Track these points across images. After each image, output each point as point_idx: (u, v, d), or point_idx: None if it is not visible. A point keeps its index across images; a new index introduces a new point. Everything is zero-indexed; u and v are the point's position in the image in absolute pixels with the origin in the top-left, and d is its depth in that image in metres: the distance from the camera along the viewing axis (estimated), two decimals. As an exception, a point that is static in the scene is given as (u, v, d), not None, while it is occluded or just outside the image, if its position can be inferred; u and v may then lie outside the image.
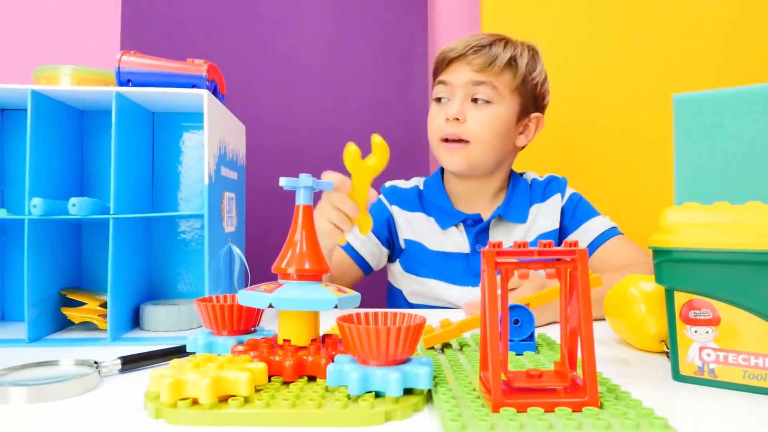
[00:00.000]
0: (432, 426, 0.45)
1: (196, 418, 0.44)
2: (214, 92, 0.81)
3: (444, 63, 1.06)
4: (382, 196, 1.17)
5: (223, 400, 0.46)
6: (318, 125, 1.56)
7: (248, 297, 0.53)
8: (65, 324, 0.80)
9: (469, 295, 1.05)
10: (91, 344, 0.72)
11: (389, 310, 0.53)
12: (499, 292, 0.48)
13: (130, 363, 0.59)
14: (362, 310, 0.54)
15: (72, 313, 0.77)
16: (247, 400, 0.46)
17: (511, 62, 1.03)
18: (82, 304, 0.78)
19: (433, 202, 1.12)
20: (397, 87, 1.56)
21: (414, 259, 1.10)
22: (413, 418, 0.47)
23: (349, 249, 1.10)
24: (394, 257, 1.16)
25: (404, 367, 0.48)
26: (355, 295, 0.55)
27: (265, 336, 0.60)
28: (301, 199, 0.57)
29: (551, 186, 1.13)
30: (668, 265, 0.56)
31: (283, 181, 0.56)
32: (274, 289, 0.53)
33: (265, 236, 1.53)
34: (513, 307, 0.66)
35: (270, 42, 1.55)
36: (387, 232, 1.14)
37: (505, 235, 1.08)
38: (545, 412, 0.43)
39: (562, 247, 0.47)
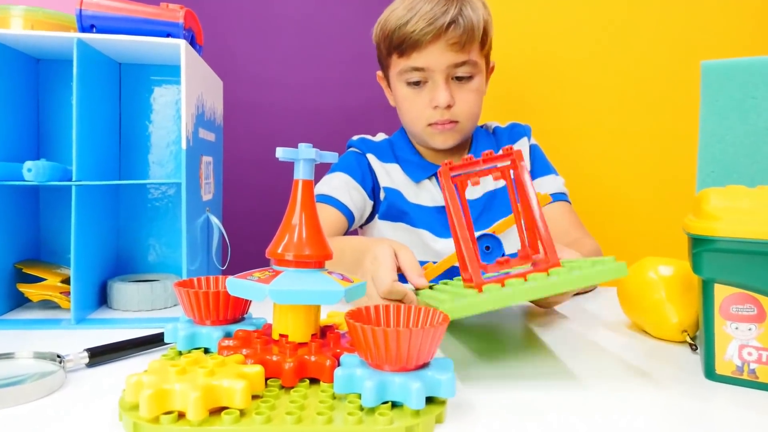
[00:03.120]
0: None
1: None
2: (191, 42, 0.71)
3: (415, 44, 0.96)
4: (353, 148, 1.11)
5: (215, 411, 0.39)
6: (297, 80, 1.46)
7: (240, 287, 0.46)
8: (21, 301, 0.71)
9: (449, 249, 1.02)
10: (53, 326, 0.63)
11: (402, 304, 0.47)
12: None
13: (98, 356, 0.51)
14: (370, 306, 0.47)
15: (30, 291, 0.68)
16: (243, 413, 0.39)
17: (484, 29, 0.98)
18: (40, 279, 0.69)
19: (403, 156, 1.09)
20: (380, 42, 1.47)
21: (395, 207, 1.06)
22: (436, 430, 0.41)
23: (334, 202, 1.02)
24: (373, 211, 1.10)
25: (424, 372, 0.42)
26: (362, 284, 0.49)
27: (255, 327, 0.52)
28: (301, 173, 0.48)
29: (516, 130, 1.12)
30: (709, 254, 0.50)
31: (280, 152, 0.47)
32: (270, 279, 0.45)
33: (244, 203, 1.44)
34: (483, 236, 0.66)
35: (245, -12, 1.43)
36: (371, 181, 1.08)
37: (477, 184, 1.04)
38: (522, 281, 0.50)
39: (500, 153, 0.56)
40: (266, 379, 0.44)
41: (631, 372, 0.54)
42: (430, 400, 0.42)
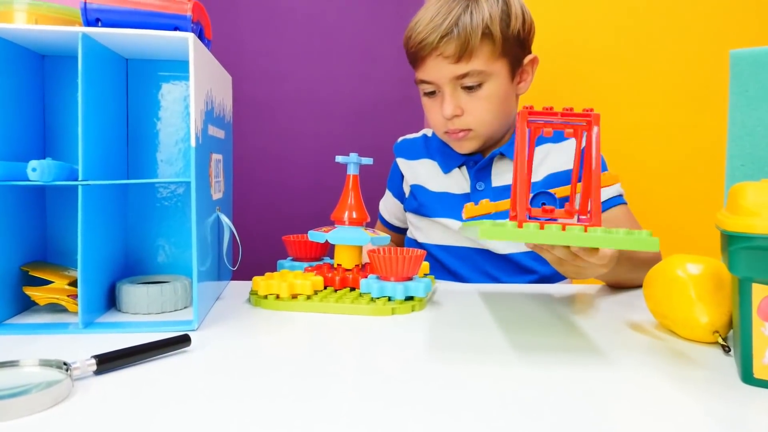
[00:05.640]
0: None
1: (278, 306, 0.73)
2: (200, 36, 0.69)
3: (417, 58, 0.98)
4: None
5: (295, 297, 0.74)
6: (306, 76, 1.44)
7: (313, 235, 0.81)
8: (28, 304, 0.70)
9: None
10: (60, 331, 0.61)
11: (403, 248, 0.78)
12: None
13: (106, 363, 0.49)
14: (386, 246, 0.79)
15: (36, 294, 0.66)
16: (309, 297, 0.73)
17: (485, 32, 0.93)
18: (47, 282, 0.67)
19: (438, 147, 1.11)
20: (390, 35, 1.44)
21: (418, 201, 1.10)
22: (411, 314, 0.72)
23: (383, 221, 1.22)
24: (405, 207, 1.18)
25: (409, 282, 0.74)
26: (386, 237, 0.81)
27: (328, 262, 0.87)
28: (351, 170, 0.83)
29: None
30: (747, 252, 0.48)
31: (339, 158, 0.82)
32: (329, 230, 0.80)
33: (254, 200, 1.42)
34: (541, 193, 0.68)
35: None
36: (400, 187, 1.17)
37: (506, 173, 1.05)
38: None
39: (580, 112, 0.59)
40: (326, 286, 0.78)
41: (661, 374, 0.52)
42: (413, 299, 0.75)
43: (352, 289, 0.78)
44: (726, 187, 0.67)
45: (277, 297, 0.73)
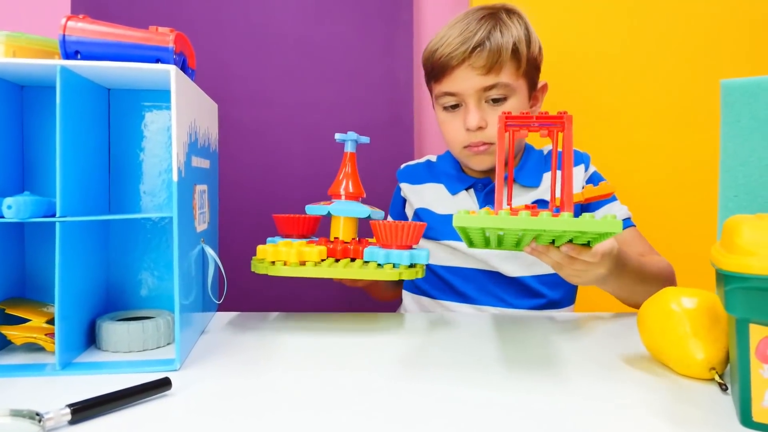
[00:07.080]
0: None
1: (287, 271, 0.75)
2: (183, 67, 0.67)
3: (444, 69, 0.99)
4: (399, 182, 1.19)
5: (302, 263, 0.76)
6: (294, 99, 1.42)
7: (314, 209, 0.84)
8: (4, 343, 0.67)
9: (482, 253, 1.03)
10: (35, 373, 0.59)
11: (402, 221, 0.79)
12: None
13: (81, 412, 0.47)
14: (383, 220, 0.81)
15: (13, 333, 0.64)
16: (316, 264, 0.76)
17: (514, 48, 0.96)
18: (25, 320, 0.65)
19: (445, 170, 1.11)
20: (379, 57, 1.44)
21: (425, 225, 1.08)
22: (416, 280, 0.95)
23: None
24: None
25: (411, 250, 0.79)
26: (381, 212, 0.86)
27: (323, 237, 0.88)
28: (348, 148, 0.87)
29: (574, 157, 1.06)
30: (744, 292, 0.46)
31: (338, 136, 0.86)
32: (330, 203, 0.84)
33: (239, 226, 1.40)
34: (537, 201, 0.77)
35: (242, 7, 1.40)
36: (404, 215, 1.18)
37: (515, 197, 1.04)
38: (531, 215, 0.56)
39: (554, 115, 0.63)
40: (328, 257, 0.80)
41: (656, 414, 0.51)
42: (414, 265, 0.79)
43: (353, 259, 0.81)
44: (719, 218, 0.66)
45: (285, 263, 0.75)
